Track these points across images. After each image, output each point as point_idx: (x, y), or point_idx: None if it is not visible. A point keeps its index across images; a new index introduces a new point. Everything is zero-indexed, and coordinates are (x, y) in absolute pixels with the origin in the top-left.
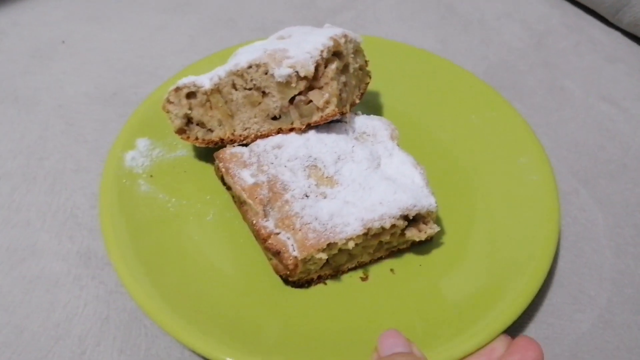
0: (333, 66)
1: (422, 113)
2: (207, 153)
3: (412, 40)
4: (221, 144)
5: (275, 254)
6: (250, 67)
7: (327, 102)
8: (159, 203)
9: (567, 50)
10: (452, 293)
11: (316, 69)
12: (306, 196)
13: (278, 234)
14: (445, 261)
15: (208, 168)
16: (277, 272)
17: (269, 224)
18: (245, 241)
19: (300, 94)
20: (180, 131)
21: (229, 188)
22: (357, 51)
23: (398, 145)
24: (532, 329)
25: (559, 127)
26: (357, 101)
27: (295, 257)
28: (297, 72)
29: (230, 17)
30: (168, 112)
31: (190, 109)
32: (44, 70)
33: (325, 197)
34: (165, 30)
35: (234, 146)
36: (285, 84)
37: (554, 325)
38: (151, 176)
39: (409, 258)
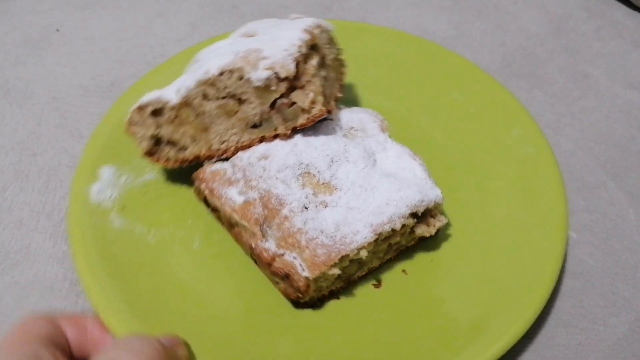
0: (314, 62)
1: (399, 98)
2: (179, 173)
3: (424, 26)
4: (197, 162)
5: (284, 277)
6: (222, 73)
7: (313, 102)
8: (137, 237)
9: (588, 35)
10: (471, 286)
11: (296, 66)
12: (305, 208)
13: (282, 255)
14: (456, 252)
15: (183, 189)
16: (287, 296)
17: (270, 245)
18: (240, 265)
19: (281, 96)
20: (149, 153)
21: (214, 210)
22: (331, 40)
23: (390, 136)
24: (563, 335)
25: (583, 117)
26: (339, 95)
27: (306, 277)
28: (276, 73)
29: (232, 3)
30: (132, 134)
31: (157, 127)
32: (37, 60)
33: (326, 206)
34: (164, 18)
35: (212, 163)
36: (264, 88)
37: (587, 330)
38: (123, 208)
39: (419, 255)
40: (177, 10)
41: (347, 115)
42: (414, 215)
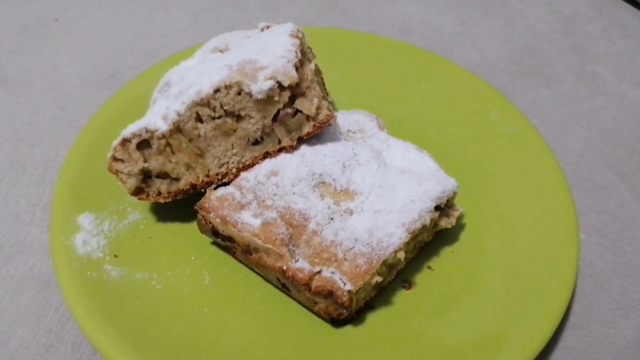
0: (311, 66)
1: (371, 96)
2: (166, 208)
3: (431, 22)
4: (193, 192)
5: (327, 295)
6: (217, 91)
7: (319, 108)
8: (140, 285)
9: (595, 34)
10: (496, 275)
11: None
12: (331, 219)
13: (319, 272)
14: (474, 241)
15: (175, 226)
16: (327, 314)
17: (303, 265)
18: (262, 294)
19: (284, 107)
20: (138, 191)
21: (224, 239)
22: (308, 45)
23: (388, 134)
24: (572, 337)
25: (591, 117)
26: (330, 98)
27: (349, 291)
28: (279, 82)
29: None
30: (116, 173)
31: (145, 161)
32: (35, 49)
33: (351, 214)
34: (166, 8)
35: (214, 190)
36: (266, 100)
37: (596, 333)
38: (115, 256)
39: (438, 249)
40: (179, 0)
41: (341, 119)
42: (437, 207)
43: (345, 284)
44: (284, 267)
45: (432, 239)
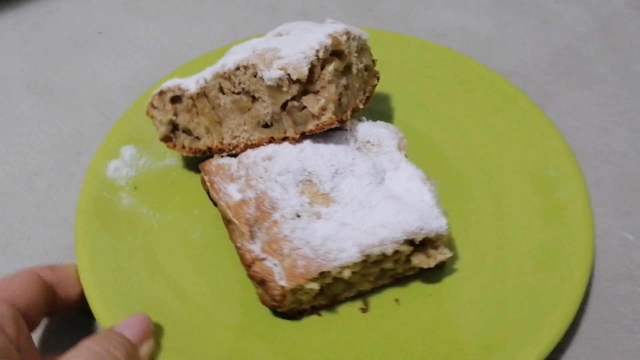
0: (331, 67)
1: (434, 119)
2: (198, 162)
3: (466, 25)
4: (209, 154)
5: (260, 283)
6: (237, 68)
7: (323, 109)
8: (141, 218)
9: (636, 33)
10: (466, 329)
11: (311, 70)
12: (297, 216)
13: (263, 259)
14: (459, 291)
15: (198, 180)
16: (263, 302)
17: (255, 248)
18: (232, 264)
19: (293, 99)
20: (166, 138)
21: (215, 204)
22: (363, 49)
23: (406, 156)
24: (625, 340)
25: (635, 116)
26: (361, 106)
27: (283, 286)
28: (288, 74)
29: (271, 4)
30: (152, 117)
31: (175, 114)
32: (80, 61)
33: (319, 218)
34: (204, 19)
35: (222, 156)
36: (276, 87)
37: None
38: (135, 188)
39: (417, 287)
40: (216, 11)
41: (365, 128)
42: (410, 242)
43: (281, 279)
44: (239, 244)
45: (414, 274)
